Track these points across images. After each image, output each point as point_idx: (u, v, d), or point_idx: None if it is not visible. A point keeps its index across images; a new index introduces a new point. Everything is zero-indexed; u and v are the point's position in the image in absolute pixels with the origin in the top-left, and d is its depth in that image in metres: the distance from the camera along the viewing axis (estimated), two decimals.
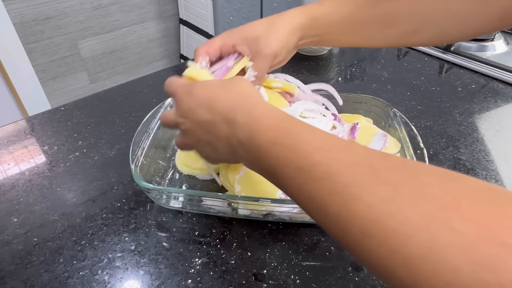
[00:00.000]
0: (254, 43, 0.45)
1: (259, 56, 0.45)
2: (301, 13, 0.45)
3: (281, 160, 0.28)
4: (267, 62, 0.45)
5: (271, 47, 0.44)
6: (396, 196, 0.21)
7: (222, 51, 0.47)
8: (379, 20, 0.44)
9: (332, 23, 0.45)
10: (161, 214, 0.49)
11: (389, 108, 0.55)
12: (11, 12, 1.62)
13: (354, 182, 0.23)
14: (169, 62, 2.29)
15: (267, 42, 0.44)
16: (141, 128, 0.52)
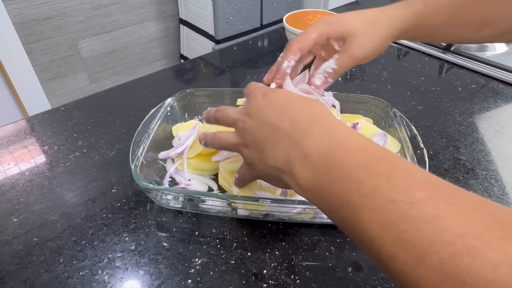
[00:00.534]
0: (348, 39, 0.42)
1: (347, 54, 0.42)
2: (406, 12, 0.43)
3: (367, 188, 0.23)
4: (354, 63, 0.42)
5: (365, 50, 0.42)
6: None
7: (316, 44, 0.43)
8: (476, 22, 0.44)
9: (434, 25, 0.44)
10: (161, 214, 0.49)
11: (389, 108, 0.55)
12: (11, 12, 1.62)
13: (472, 233, 0.19)
14: (169, 62, 2.30)
15: (362, 44, 0.42)
16: (141, 128, 0.52)
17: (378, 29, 0.42)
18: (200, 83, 0.79)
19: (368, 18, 0.43)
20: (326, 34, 0.43)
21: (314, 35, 0.43)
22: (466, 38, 0.46)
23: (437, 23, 0.44)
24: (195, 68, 0.85)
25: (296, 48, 0.43)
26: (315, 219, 0.46)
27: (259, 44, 0.93)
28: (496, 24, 0.43)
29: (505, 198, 0.51)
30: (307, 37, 0.43)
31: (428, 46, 0.87)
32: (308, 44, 0.43)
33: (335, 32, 0.42)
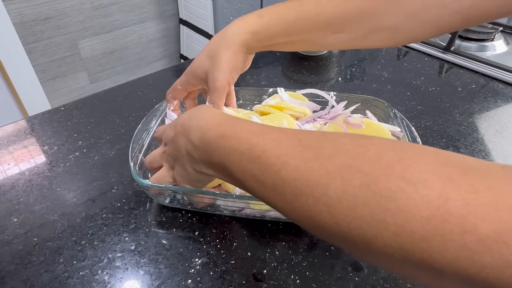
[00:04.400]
0: (205, 80, 0.48)
1: (212, 91, 0.47)
2: (241, 29, 0.45)
3: (227, 149, 0.31)
4: (220, 94, 0.47)
5: (219, 80, 0.46)
6: (317, 155, 0.25)
7: (187, 91, 0.53)
8: (325, 26, 0.43)
9: (275, 35, 0.45)
10: (161, 214, 0.49)
11: (389, 109, 0.55)
12: (11, 12, 1.62)
13: (284, 153, 0.27)
14: (169, 62, 2.30)
15: (214, 77, 0.46)
16: (141, 127, 0.52)
17: (219, 57, 0.46)
18: None
19: (209, 52, 0.47)
20: (190, 84, 0.51)
21: (181, 87, 0.52)
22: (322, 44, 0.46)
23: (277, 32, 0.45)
24: None
25: (170, 98, 0.54)
26: None
27: None
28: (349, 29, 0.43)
29: None
30: (176, 90, 0.53)
31: (428, 46, 0.87)
32: (179, 94, 0.53)
33: (195, 80, 0.50)
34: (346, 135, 0.26)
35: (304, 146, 0.26)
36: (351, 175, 0.23)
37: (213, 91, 0.47)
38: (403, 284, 0.41)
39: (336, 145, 0.25)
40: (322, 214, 0.23)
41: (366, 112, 0.56)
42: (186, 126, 0.37)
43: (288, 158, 0.26)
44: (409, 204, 0.20)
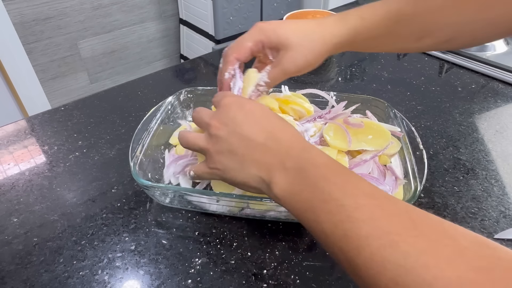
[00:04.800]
0: (281, 51, 0.42)
1: (279, 68, 0.42)
2: (342, 28, 0.43)
3: (326, 195, 0.29)
4: (285, 77, 0.43)
5: (297, 65, 0.42)
6: (434, 251, 0.22)
7: (253, 52, 0.44)
8: (416, 32, 0.43)
9: (372, 38, 0.43)
10: (161, 214, 0.49)
11: (389, 109, 0.55)
12: (11, 12, 1.62)
13: (394, 231, 0.24)
14: (169, 62, 2.29)
15: (294, 59, 0.42)
16: (141, 127, 0.52)
17: (312, 45, 0.42)
18: (200, 83, 0.79)
19: (303, 31, 0.42)
20: (261, 42, 0.43)
21: (249, 44, 0.43)
22: (406, 48, 0.46)
23: (375, 36, 0.43)
24: (195, 68, 0.85)
25: (233, 58, 0.44)
26: None
27: None
28: (436, 34, 0.42)
29: (505, 198, 0.51)
30: (242, 47, 0.43)
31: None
32: (244, 53, 0.44)
33: (269, 42, 0.43)
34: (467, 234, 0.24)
35: (418, 231, 0.24)
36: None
37: (283, 70, 0.42)
38: None
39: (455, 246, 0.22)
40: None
41: (366, 112, 0.56)
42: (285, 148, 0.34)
43: (398, 238, 0.24)
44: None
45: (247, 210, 0.46)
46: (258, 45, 0.43)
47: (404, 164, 0.49)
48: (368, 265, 0.24)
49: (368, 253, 0.24)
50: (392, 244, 0.24)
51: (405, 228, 0.24)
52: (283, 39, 0.42)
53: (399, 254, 0.23)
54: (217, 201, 0.46)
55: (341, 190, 0.29)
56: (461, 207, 0.50)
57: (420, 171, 0.45)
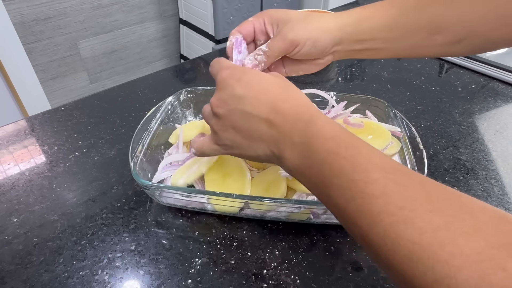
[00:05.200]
0: (281, 24, 0.42)
1: (278, 36, 0.42)
2: (342, 15, 0.42)
3: (335, 170, 0.28)
4: (283, 45, 0.41)
5: (295, 32, 0.41)
6: (450, 227, 0.21)
7: (255, 29, 0.44)
8: (425, 25, 0.41)
9: (377, 27, 0.41)
10: (161, 214, 0.49)
11: (389, 109, 0.55)
12: (11, 12, 1.62)
13: (408, 206, 0.23)
14: (169, 62, 2.29)
15: (293, 26, 0.41)
16: (141, 127, 0.52)
17: (312, 20, 0.41)
18: (200, 83, 0.79)
19: (305, 12, 0.43)
20: (262, 19, 0.44)
21: (251, 19, 0.44)
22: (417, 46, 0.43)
23: (380, 25, 0.41)
24: (195, 68, 0.85)
25: (235, 31, 0.44)
26: (312, 219, 0.46)
27: None
28: (446, 31, 0.41)
29: (505, 198, 0.51)
30: (245, 22, 0.45)
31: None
32: (246, 27, 0.44)
33: (271, 18, 0.43)
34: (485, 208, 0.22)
35: (434, 206, 0.23)
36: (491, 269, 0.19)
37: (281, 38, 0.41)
38: None
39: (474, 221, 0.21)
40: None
41: (366, 112, 0.56)
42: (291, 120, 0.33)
43: (412, 214, 0.23)
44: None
45: (247, 210, 0.46)
46: (259, 21, 0.44)
47: (404, 164, 0.49)
48: (382, 242, 0.24)
49: (382, 229, 0.24)
50: (406, 220, 0.23)
51: (420, 203, 0.23)
52: (284, 14, 0.42)
53: (413, 231, 0.22)
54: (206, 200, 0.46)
55: (352, 165, 0.27)
56: None
57: (420, 171, 0.45)
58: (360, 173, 0.27)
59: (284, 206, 0.44)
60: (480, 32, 0.40)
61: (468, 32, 0.40)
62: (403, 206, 0.23)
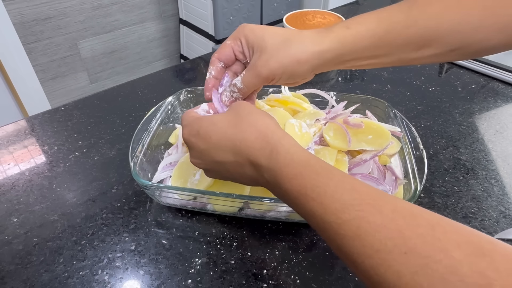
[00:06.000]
0: (256, 53, 0.40)
1: (252, 71, 0.40)
2: (326, 37, 0.39)
3: (308, 211, 0.29)
4: (257, 81, 0.40)
5: (269, 68, 0.39)
6: (427, 270, 0.22)
7: (235, 51, 0.43)
8: (415, 40, 0.38)
9: (361, 48, 0.39)
10: (161, 214, 0.49)
11: (389, 109, 0.55)
12: (11, 12, 1.62)
13: (383, 248, 0.24)
14: (169, 62, 2.29)
15: (267, 62, 0.39)
16: (141, 127, 0.52)
17: (288, 51, 0.39)
18: (200, 83, 0.79)
19: (282, 35, 0.39)
20: (239, 39, 0.42)
21: (228, 42, 0.42)
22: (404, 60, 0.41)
23: (365, 47, 0.39)
24: (195, 68, 0.85)
25: (214, 58, 0.43)
26: None
27: None
28: (437, 43, 0.38)
29: (505, 198, 0.51)
30: (223, 46, 0.43)
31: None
32: (224, 52, 0.42)
33: (246, 41, 0.41)
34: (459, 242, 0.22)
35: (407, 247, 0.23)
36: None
37: (255, 73, 0.40)
38: None
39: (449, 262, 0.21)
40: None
41: (366, 112, 0.56)
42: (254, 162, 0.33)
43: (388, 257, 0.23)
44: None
45: (247, 210, 0.46)
46: (237, 42, 0.42)
47: (404, 164, 0.49)
48: (366, 280, 0.25)
49: (364, 270, 0.25)
50: (384, 264, 0.23)
51: (394, 244, 0.23)
52: (259, 39, 0.40)
53: (392, 275, 0.23)
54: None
55: (321, 206, 0.28)
56: (461, 207, 0.50)
57: (420, 171, 0.45)
58: (331, 215, 0.27)
59: (284, 206, 0.44)
60: (476, 40, 0.38)
61: (462, 42, 0.38)
62: (378, 248, 0.24)
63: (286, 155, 0.32)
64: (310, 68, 0.39)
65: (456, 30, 0.37)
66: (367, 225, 0.25)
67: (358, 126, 0.49)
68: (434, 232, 0.23)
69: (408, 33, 0.38)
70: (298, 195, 0.30)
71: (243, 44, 0.42)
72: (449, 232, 0.23)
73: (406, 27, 0.38)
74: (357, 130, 0.50)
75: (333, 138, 0.49)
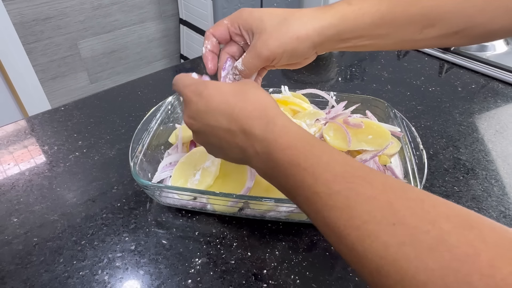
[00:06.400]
0: (256, 35, 0.39)
1: (252, 52, 0.39)
2: (326, 13, 0.38)
3: (298, 182, 0.28)
4: (258, 62, 0.40)
5: (269, 47, 0.38)
6: (414, 241, 0.21)
7: (231, 33, 0.42)
8: (418, 20, 0.38)
9: (362, 26, 0.38)
10: (161, 214, 0.49)
11: (389, 109, 0.55)
12: (11, 12, 1.62)
13: (371, 219, 0.23)
14: (169, 62, 2.29)
15: (266, 42, 0.38)
16: (141, 127, 0.52)
17: (287, 28, 0.38)
18: None
19: (278, 14, 0.39)
20: (237, 23, 0.41)
21: (225, 22, 0.42)
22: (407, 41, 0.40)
23: (367, 25, 0.38)
24: (195, 68, 0.85)
25: (209, 33, 0.43)
26: None
27: None
28: (441, 24, 0.37)
29: (505, 198, 0.51)
30: (220, 25, 0.42)
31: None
32: (220, 30, 0.42)
33: (245, 23, 0.40)
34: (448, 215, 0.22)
35: (396, 218, 0.23)
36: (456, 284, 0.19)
37: (256, 55, 0.39)
38: None
39: (437, 232, 0.21)
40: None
41: (366, 112, 0.56)
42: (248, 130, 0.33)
43: (376, 228, 0.23)
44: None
45: (247, 210, 0.46)
46: (234, 24, 0.41)
47: (404, 164, 0.49)
48: (351, 254, 0.24)
49: (349, 242, 0.24)
50: (371, 235, 0.23)
51: (383, 215, 0.23)
52: (258, 21, 0.39)
53: (379, 245, 0.22)
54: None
55: (312, 176, 0.27)
56: None
57: (420, 171, 0.45)
58: (322, 185, 0.26)
59: (284, 206, 0.44)
60: (480, 22, 0.37)
61: (466, 23, 0.37)
62: (367, 220, 0.23)
63: (282, 127, 0.32)
64: (311, 45, 0.38)
65: (460, 11, 0.37)
66: (357, 196, 0.25)
67: (358, 126, 0.49)
68: (423, 205, 0.23)
69: (411, 11, 0.37)
70: (290, 165, 0.29)
71: (242, 28, 0.41)
72: (438, 205, 0.23)
73: (410, 5, 0.37)
74: (357, 130, 0.50)
75: (333, 138, 0.49)
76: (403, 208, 0.23)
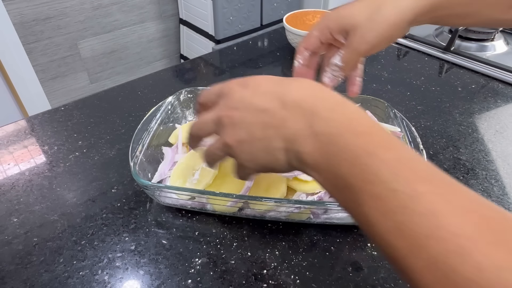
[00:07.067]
0: (350, 32, 0.38)
1: (350, 49, 0.39)
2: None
3: (370, 174, 0.23)
4: (357, 56, 0.39)
5: (367, 42, 0.38)
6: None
7: (321, 41, 0.42)
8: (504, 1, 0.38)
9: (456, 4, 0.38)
10: (161, 214, 0.49)
11: (389, 109, 0.55)
12: (11, 12, 1.62)
13: (465, 234, 0.20)
14: (169, 62, 2.29)
15: (363, 36, 0.37)
16: (141, 127, 0.52)
17: (381, 17, 0.37)
18: (200, 83, 0.79)
19: (369, 4, 0.38)
20: (328, 29, 0.40)
21: (316, 33, 0.41)
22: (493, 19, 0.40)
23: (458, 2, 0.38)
24: (195, 68, 0.85)
25: (302, 48, 0.43)
26: (312, 219, 0.46)
27: (259, 44, 0.93)
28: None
29: (505, 198, 0.51)
30: (310, 37, 0.42)
31: (428, 46, 0.87)
32: (312, 43, 0.42)
33: (336, 26, 0.40)
34: None
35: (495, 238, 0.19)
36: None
37: (355, 50, 0.38)
38: (403, 284, 0.41)
39: None
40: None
41: (366, 112, 0.56)
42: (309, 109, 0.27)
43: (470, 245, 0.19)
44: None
45: (247, 210, 0.46)
46: (325, 32, 0.41)
47: None
48: (427, 272, 0.20)
49: (428, 257, 0.20)
50: (463, 252, 0.19)
51: (479, 231, 0.19)
52: (349, 19, 0.39)
53: (471, 267, 0.19)
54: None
55: (392, 171, 0.23)
56: None
57: None
58: (403, 183, 0.22)
59: (284, 206, 0.44)
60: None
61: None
62: (458, 233, 0.20)
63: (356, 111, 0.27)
64: (406, 26, 0.38)
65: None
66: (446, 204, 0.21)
67: None
68: None
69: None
70: (363, 152, 0.24)
71: (334, 32, 0.40)
72: None
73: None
74: None
75: None
76: (501, 227, 0.20)
